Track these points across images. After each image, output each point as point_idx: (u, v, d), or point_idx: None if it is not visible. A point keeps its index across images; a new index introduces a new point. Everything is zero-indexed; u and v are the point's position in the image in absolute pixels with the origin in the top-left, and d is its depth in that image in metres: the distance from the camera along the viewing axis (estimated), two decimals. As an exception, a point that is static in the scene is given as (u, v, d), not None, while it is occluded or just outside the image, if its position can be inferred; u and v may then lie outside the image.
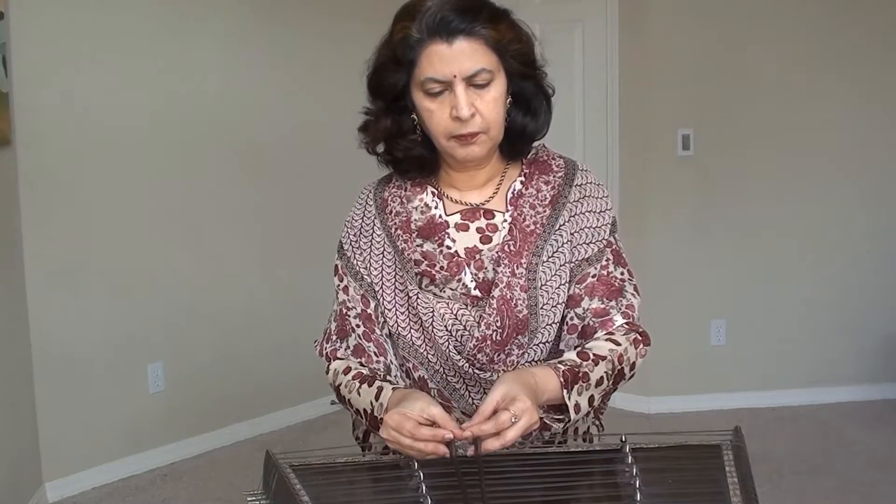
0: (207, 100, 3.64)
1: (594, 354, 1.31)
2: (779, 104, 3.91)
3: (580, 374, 1.27)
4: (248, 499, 1.18)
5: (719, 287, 4.01)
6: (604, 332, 1.35)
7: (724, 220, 3.97)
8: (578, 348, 1.34)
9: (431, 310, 1.37)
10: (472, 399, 1.39)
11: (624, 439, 1.24)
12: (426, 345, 1.39)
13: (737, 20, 3.86)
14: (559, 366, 1.27)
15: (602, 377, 1.30)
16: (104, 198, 3.35)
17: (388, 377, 1.39)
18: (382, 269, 1.42)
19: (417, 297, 1.38)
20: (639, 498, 1.13)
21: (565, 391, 1.25)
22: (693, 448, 1.28)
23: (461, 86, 1.29)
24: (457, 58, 1.28)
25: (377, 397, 1.31)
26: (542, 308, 1.36)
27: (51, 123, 3.18)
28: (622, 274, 1.40)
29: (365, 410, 1.33)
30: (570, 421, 1.27)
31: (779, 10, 3.86)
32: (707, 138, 3.92)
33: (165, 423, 3.57)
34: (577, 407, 1.26)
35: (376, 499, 1.19)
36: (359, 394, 1.35)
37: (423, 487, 1.15)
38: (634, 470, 1.17)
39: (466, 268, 1.38)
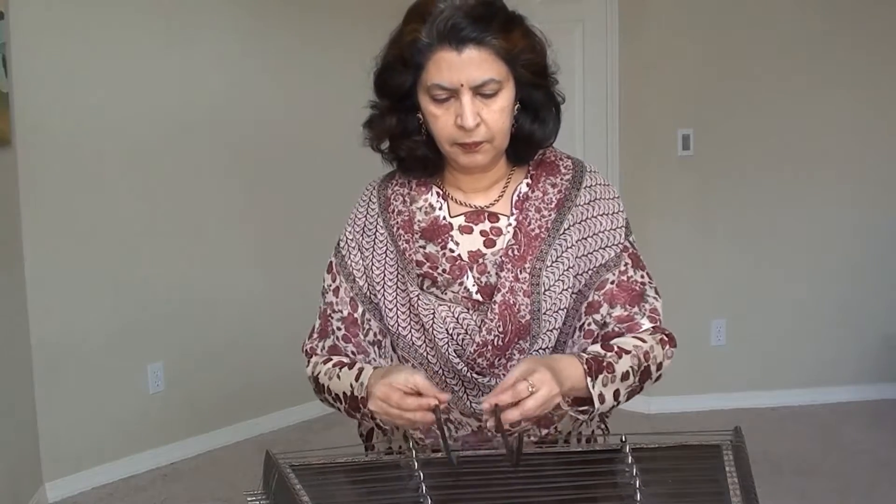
0: (207, 99, 3.64)
1: (618, 347, 1.31)
2: (779, 104, 3.91)
3: (604, 364, 1.27)
4: (248, 499, 1.18)
5: (719, 287, 4.01)
6: (630, 335, 1.35)
7: (724, 221, 3.97)
8: (599, 344, 1.33)
9: (432, 312, 1.36)
10: (471, 402, 1.38)
11: (624, 439, 1.24)
12: (426, 346, 1.38)
13: (737, 20, 3.86)
14: (583, 354, 1.27)
15: (628, 371, 1.29)
16: (104, 198, 3.35)
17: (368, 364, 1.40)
18: (385, 268, 1.41)
19: (419, 299, 1.37)
20: (639, 498, 1.12)
21: (589, 379, 1.24)
22: (693, 448, 1.28)
23: (467, 95, 1.26)
24: (465, 67, 1.25)
25: (357, 378, 1.31)
26: (544, 313, 1.35)
27: (51, 123, 3.17)
28: (642, 277, 1.39)
29: (345, 393, 1.33)
30: (594, 412, 1.26)
31: (779, 11, 3.86)
32: (707, 138, 3.92)
33: (165, 423, 3.57)
34: (602, 397, 1.26)
35: (376, 499, 1.19)
36: (339, 378, 1.35)
37: (423, 487, 1.15)
38: (634, 470, 1.17)
39: (469, 271, 1.37)
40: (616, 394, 1.28)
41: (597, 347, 1.31)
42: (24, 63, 3.07)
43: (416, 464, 1.19)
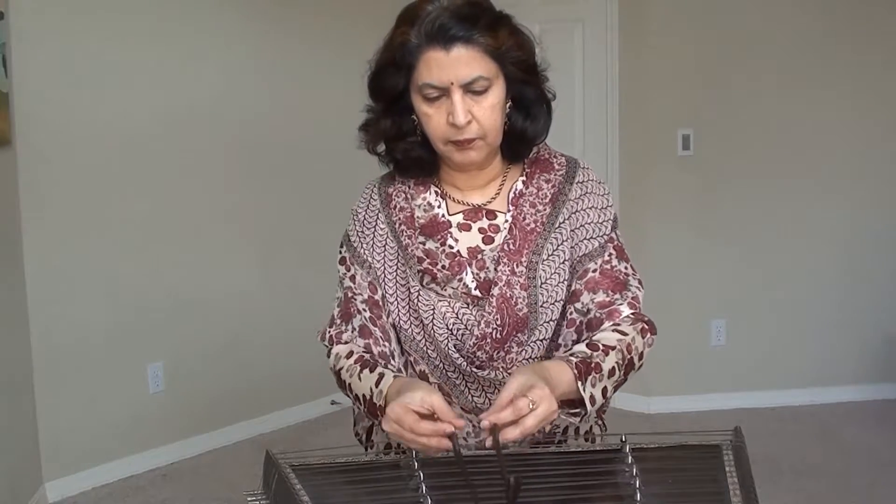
0: (207, 99, 3.64)
1: (603, 345, 1.31)
2: (779, 104, 3.91)
3: (592, 365, 1.27)
4: (248, 499, 1.18)
5: (719, 287, 4.01)
6: (610, 323, 1.35)
7: (724, 220, 3.97)
8: (586, 340, 1.34)
9: (432, 308, 1.38)
10: (472, 396, 1.40)
11: (624, 439, 1.24)
12: (426, 340, 1.39)
13: (736, 20, 3.86)
14: (571, 358, 1.27)
15: (614, 367, 1.30)
16: (104, 198, 3.35)
17: (391, 364, 1.39)
18: (385, 261, 1.43)
19: (419, 295, 1.39)
20: (639, 498, 1.13)
21: (579, 383, 1.25)
22: (693, 448, 1.28)
23: (458, 93, 1.29)
24: (454, 65, 1.28)
25: (377, 384, 1.31)
26: (541, 306, 1.37)
27: (51, 123, 3.18)
28: (626, 268, 1.41)
29: (364, 396, 1.33)
30: (586, 414, 1.26)
31: (778, 11, 3.86)
32: (707, 138, 3.92)
33: (165, 423, 3.57)
34: (592, 399, 1.26)
35: (376, 499, 1.19)
36: (359, 378, 1.35)
37: (423, 487, 1.15)
38: (634, 470, 1.17)
39: (468, 267, 1.38)
40: (604, 391, 1.29)
41: (582, 347, 1.31)
42: (24, 63, 3.08)
43: (416, 464, 1.19)
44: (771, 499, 2.96)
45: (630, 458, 1.20)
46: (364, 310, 1.42)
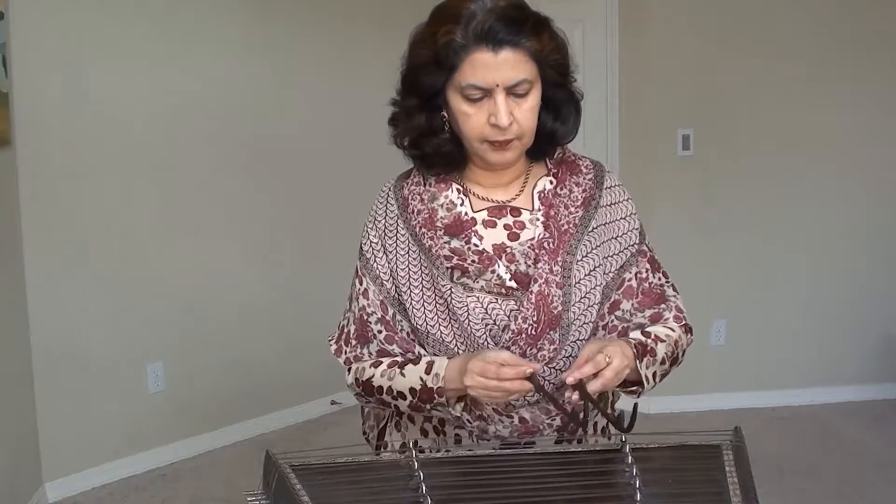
0: (208, 99, 3.64)
1: (655, 335, 1.40)
2: (779, 104, 3.91)
3: (648, 349, 1.37)
4: (248, 499, 1.18)
5: (719, 287, 4.01)
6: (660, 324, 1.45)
7: (725, 220, 3.97)
8: (639, 330, 1.42)
9: (466, 304, 1.38)
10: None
11: (624, 439, 1.24)
12: (456, 340, 1.39)
13: (737, 20, 3.86)
14: (629, 340, 1.37)
15: (664, 357, 1.39)
16: (104, 198, 3.35)
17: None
18: (409, 267, 1.42)
19: (451, 292, 1.38)
20: (639, 498, 1.13)
21: (638, 362, 1.33)
22: (693, 448, 1.29)
23: (501, 95, 1.31)
24: (500, 67, 1.29)
25: (427, 371, 1.35)
26: (574, 305, 1.38)
27: (51, 123, 3.18)
28: (660, 279, 1.48)
29: (413, 389, 1.36)
30: (643, 391, 1.36)
31: (779, 10, 3.86)
32: (707, 138, 3.92)
33: (165, 423, 3.57)
34: (647, 378, 1.35)
35: (376, 499, 1.19)
36: (403, 375, 1.38)
37: (423, 487, 1.15)
38: (634, 470, 1.17)
39: (498, 261, 1.39)
40: (654, 376, 1.38)
41: (637, 334, 1.40)
42: (24, 63, 3.07)
43: (416, 464, 1.20)
44: (771, 499, 2.95)
45: (630, 458, 1.20)
46: (380, 331, 1.43)
